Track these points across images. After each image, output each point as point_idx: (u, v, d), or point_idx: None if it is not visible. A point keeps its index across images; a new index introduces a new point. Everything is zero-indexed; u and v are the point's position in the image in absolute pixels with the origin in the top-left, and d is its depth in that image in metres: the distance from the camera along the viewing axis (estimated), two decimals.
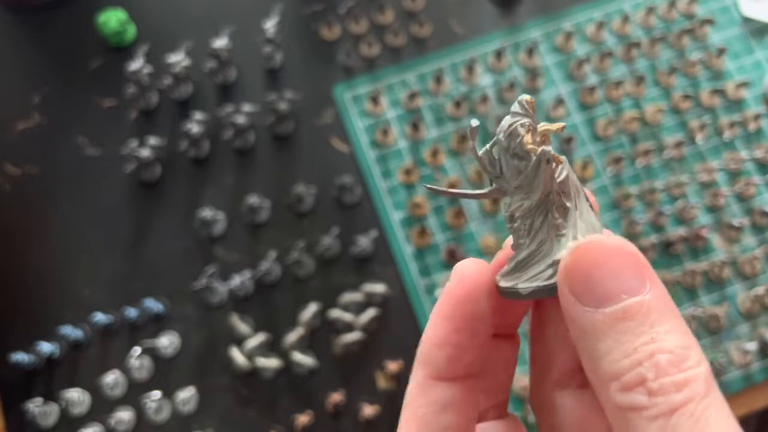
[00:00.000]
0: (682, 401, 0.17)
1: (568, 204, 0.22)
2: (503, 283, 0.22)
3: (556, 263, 0.21)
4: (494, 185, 0.24)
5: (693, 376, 0.17)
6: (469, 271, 0.22)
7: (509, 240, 0.24)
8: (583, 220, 0.22)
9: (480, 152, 0.23)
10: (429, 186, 0.25)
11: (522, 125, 0.22)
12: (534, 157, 0.21)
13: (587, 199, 0.23)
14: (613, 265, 0.18)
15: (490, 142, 0.23)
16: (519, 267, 0.22)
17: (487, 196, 0.24)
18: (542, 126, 0.22)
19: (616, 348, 0.18)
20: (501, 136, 0.22)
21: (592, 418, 0.22)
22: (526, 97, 0.22)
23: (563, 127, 0.23)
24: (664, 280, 0.62)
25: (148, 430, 0.59)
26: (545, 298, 0.23)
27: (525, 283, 0.22)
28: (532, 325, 0.25)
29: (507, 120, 0.22)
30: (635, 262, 0.19)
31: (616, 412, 0.18)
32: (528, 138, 0.22)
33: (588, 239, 0.19)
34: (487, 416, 0.25)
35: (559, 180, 0.22)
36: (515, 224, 0.22)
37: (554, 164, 0.22)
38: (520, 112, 0.22)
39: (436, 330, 0.23)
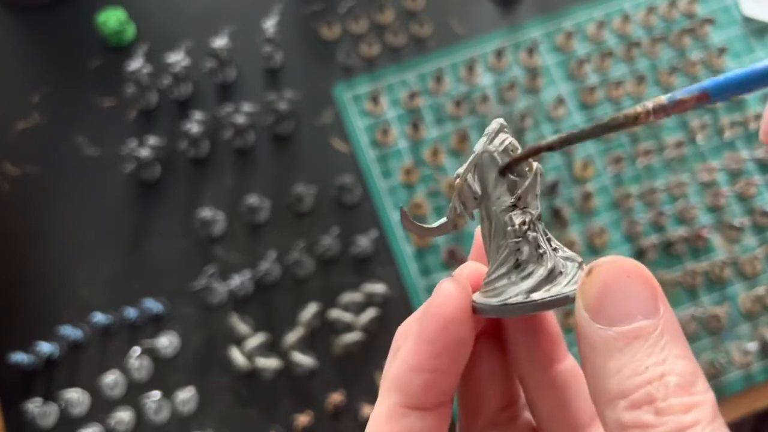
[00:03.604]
0: (690, 423, 0.17)
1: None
2: (518, 299, 0.21)
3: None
4: (451, 216, 0.23)
5: (701, 401, 0.17)
6: (454, 290, 0.22)
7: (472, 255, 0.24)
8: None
9: (459, 178, 0.22)
10: (404, 214, 0.24)
11: (514, 142, 0.22)
12: (532, 171, 0.22)
13: None
14: (630, 286, 0.19)
15: (465, 168, 0.22)
16: (550, 278, 0.21)
17: (448, 230, 0.24)
18: None
19: (626, 366, 0.18)
20: (494, 154, 0.22)
21: None
22: (501, 120, 0.22)
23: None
24: (664, 280, 0.62)
25: (147, 430, 0.59)
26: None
27: (568, 287, 0.21)
28: None
29: (499, 138, 0.22)
30: (651, 286, 0.19)
31: (618, 430, 0.18)
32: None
33: (606, 259, 0.19)
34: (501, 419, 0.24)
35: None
36: (530, 235, 0.22)
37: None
38: (506, 131, 0.22)
39: (414, 353, 0.21)
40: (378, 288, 0.61)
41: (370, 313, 0.60)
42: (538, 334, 0.24)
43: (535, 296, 0.21)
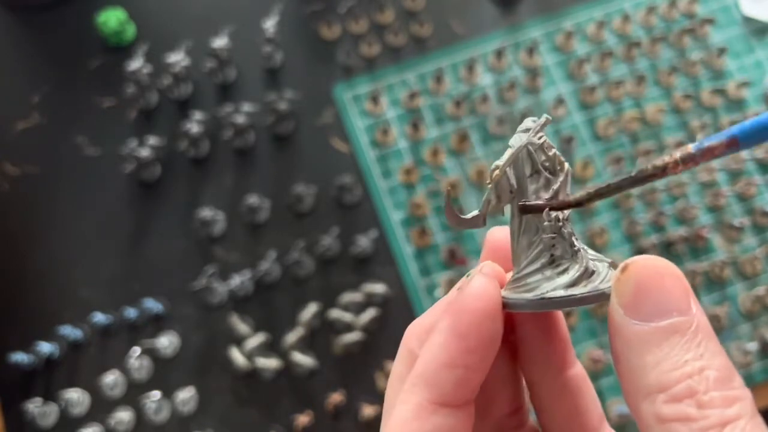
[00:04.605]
0: (733, 416, 0.17)
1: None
2: (558, 293, 0.21)
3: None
4: (485, 209, 0.23)
5: (742, 395, 0.17)
6: (489, 284, 0.21)
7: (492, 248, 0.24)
8: None
9: (498, 170, 0.22)
10: (449, 196, 0.24)
11: (548, 141, 0.23)
12: (563, 171, 0.22)
13: None
14: (665, 284, 0.19)
15: (505, 160, 0.22)
16: (586, 275, 0.22)
17: (477, 224, 0.24)
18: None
19: (664, 361, 0.18)
20: (531, 148, 0.22)
21: None
22: (547, 116, 0.23)
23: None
24: None
25: (147, 430, 0.59)
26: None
27: (604, 284, 0.21)
28: None
29: (537, 136, 0.22)
30: (684, 285, 0.19)
31: (657, 424, 0.18)
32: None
33: (640, 258, 0.19)
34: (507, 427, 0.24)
35: None
36: (565, 232, 0.22)
37: None
38: (540, 131, 0.22)
39: (446, 349, 0.21)
40: (378, 288, 0.61)
41: (370, 313, 0.60)
42: (553, 338, 0.24)
43: (575, 291, 0.21)
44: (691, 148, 0.18)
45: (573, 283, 0.21)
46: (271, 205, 0.65)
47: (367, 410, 0.59)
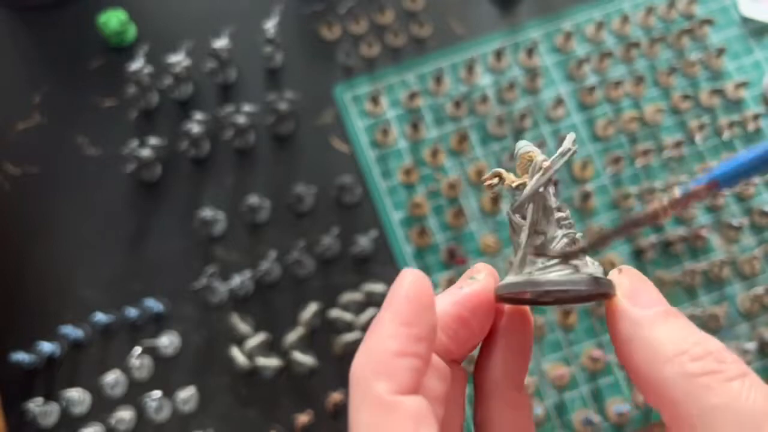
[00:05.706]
0: (747, 370, 0.20)
1: None
2: (599, 274, 0.24)
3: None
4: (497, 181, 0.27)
5: (740, 359, 0.21)
6: (421, 276, 0.23)
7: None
8: None
9: (543, 169, 0.26)
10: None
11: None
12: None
13: None
14: (649, 284, 0.23)
15: (537, 180, 0.26)
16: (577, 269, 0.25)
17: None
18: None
19: (674, 333, 0.21)
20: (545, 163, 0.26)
21: None
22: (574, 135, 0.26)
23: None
24: (663, 280, 0.62)
25: (148, 429, 0.59)
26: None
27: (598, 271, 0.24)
28: None
29: (540, 155, 0.26)
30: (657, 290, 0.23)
31: (686, 381, 0.20)
32: None
33: (625, 266, 0.24)
34: None
35: None
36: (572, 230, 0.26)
37: None
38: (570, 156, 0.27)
39: (395, 338, 0.22)
40: (378, 288, 0.61)
41: (370, 313, 0.60)
42: (527, 355, 0.26)
43: (591, 271, 0.24)
44: (677, 192, 0.22)
45: (593, 272, 0.24)
46: (271, 205, 0.65)
47: None
